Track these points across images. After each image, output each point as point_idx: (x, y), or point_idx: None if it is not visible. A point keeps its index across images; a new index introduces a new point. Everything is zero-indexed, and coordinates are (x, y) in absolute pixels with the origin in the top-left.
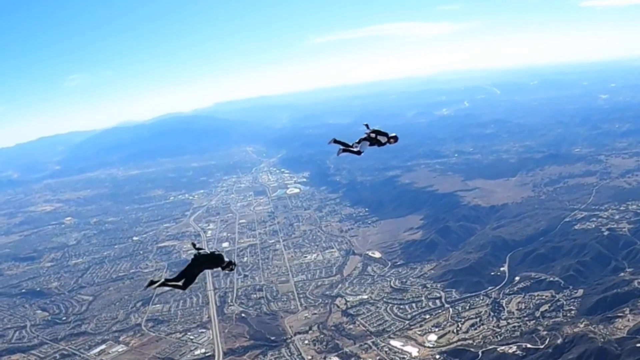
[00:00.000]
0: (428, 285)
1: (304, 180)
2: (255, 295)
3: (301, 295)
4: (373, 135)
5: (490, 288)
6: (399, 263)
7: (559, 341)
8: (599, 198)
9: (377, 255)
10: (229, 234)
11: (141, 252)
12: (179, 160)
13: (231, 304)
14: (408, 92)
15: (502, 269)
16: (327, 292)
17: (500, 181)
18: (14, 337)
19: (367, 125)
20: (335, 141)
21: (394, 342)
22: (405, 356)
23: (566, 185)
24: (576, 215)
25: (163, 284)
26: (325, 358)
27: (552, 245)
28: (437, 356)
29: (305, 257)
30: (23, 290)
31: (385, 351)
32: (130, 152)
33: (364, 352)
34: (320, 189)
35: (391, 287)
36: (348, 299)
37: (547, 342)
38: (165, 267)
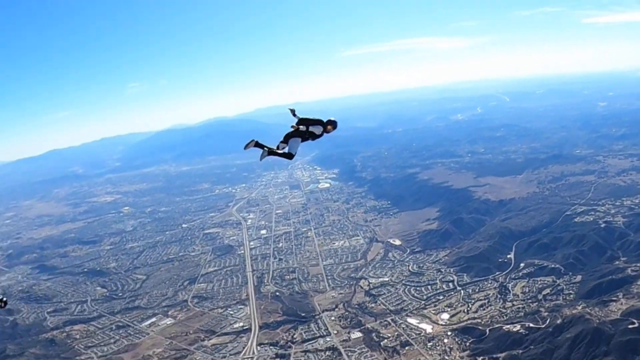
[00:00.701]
0: (442, 270)
1: (334, 176)
2: (288, 277)
3: (329, 277)
4: (303, 128)
5: (497, 273)
6: (416, 250)
7: (558, 321)
8: (597, 194)
9: (398, 242)
10: (266, 223)
11: (189, 238)
12: (224, 158)
13: (267, 284)
14: (427, 100)
15: (508, 256)
16: (352, 275)
17: (509, 178)
18: (77, 310)
19: (292, 112)
20: (257, 144)
21: (410, 320)
22: (421, 332)
23: (567, 183)
24: (576, 209)
25: None
26: (349, 333)
27: (554, 236)
28: (449, 333)
29: (334, 243)
30: (85, 270)
31: (403, 328)
32: (181, 151)
33: (383, 328)
34: (348, 184)
35: (409, 271)
36: (371, 281)
37: (547, 322)
38: (210, 250)
